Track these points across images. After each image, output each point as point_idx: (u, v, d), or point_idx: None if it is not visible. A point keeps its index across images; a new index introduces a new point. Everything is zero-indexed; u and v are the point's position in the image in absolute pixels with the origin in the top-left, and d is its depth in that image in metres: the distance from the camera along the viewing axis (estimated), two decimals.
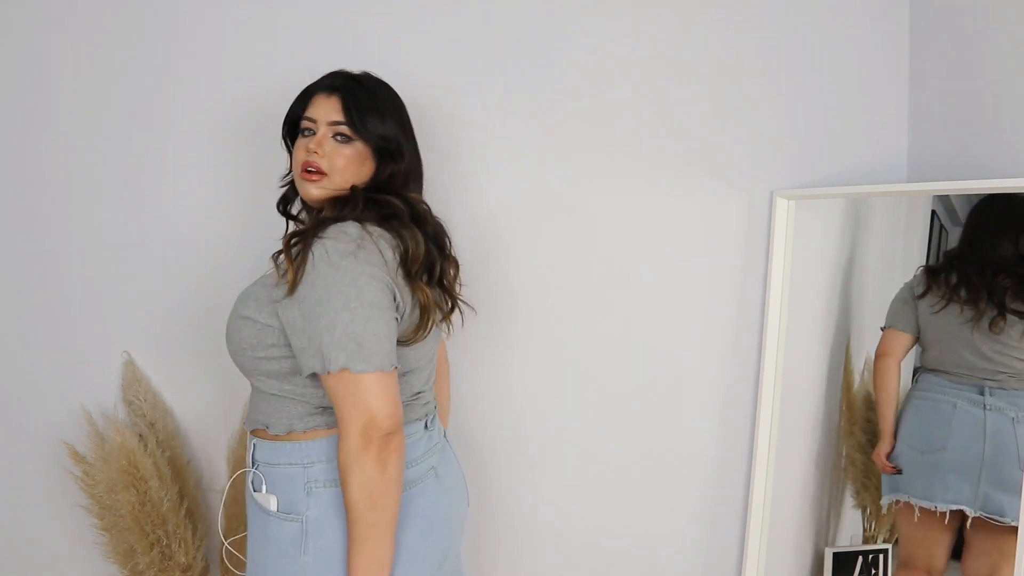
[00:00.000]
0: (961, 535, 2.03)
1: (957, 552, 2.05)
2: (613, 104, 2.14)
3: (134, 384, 2.03)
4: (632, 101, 2.15)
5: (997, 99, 1.98)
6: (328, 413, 1.53)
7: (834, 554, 2.23)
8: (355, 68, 1.69)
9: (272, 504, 1.52)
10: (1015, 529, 1.88)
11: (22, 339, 2.06)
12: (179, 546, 1.95)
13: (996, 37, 1.99)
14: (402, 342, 1.54)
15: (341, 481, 1.44)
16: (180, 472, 2.03)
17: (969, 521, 2.00)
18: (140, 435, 1.99)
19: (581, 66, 2.13)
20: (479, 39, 2.10)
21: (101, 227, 2.05)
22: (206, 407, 2.09)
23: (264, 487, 1.53)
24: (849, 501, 2.19)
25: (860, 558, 2.21)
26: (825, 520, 2.26)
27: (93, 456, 1.97)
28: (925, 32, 2.19)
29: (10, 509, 2.08)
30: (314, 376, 1.50)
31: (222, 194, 2.07)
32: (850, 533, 2.23)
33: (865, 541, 2.22)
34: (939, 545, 2.05)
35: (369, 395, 1.43)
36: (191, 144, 2.06)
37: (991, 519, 1.96)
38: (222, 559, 1.96)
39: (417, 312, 1.55)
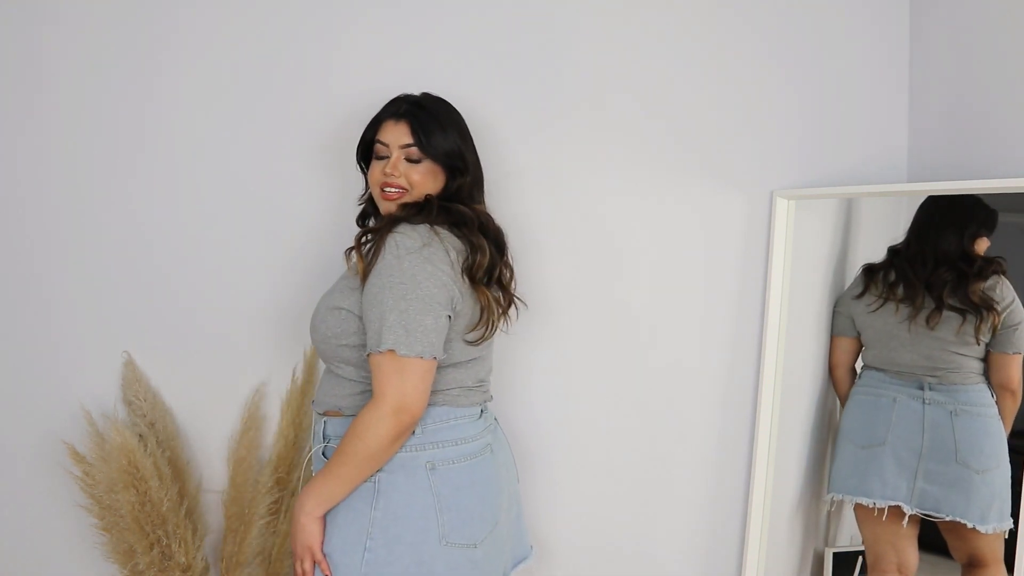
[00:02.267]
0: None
1: (929, 544, 2.06)
2: (614, 106, 2.15)
3: (134, 384, 2.03)
4: (633, 103, 2.15)
5: (996, 100, 1.98)
6: None
7: (834, 554, 2.23)
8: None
9: None
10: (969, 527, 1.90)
11: (22, 339, 2.05)
12: (179, 546, 1.95)
13: (996, 38, 1.99)
14: (471, 342, 1.73)
15: (351, 433, 1.61)
16: (180, 472, 2.03)
17: (906, 519, 2.01)
18: (140, 435, 1.99)
19: (583, 70, 2.13)
20: (490, 53, 2.11)
21: (101, 227, 2.05)
22: (206, 407, 2.09)
23: None
24: (841, 503, 2.19)
25: (860, 558, 2.21)
26: (825, 520, 2.26)
27: (93, 456, 1.97)
28: (925, 32, 2.19)
29: (10, 509, 2.07)
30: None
31: (222, 195, 2.07)
32: (850, 533, 2.23)
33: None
34: (904, 538, 2.05)
35: (408, 380, 1.60)
36: (192, 145, 2.05)
37: (927, 516, 1.97)
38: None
39: (479, 312, 1.72)
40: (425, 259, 1.63)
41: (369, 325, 1.63)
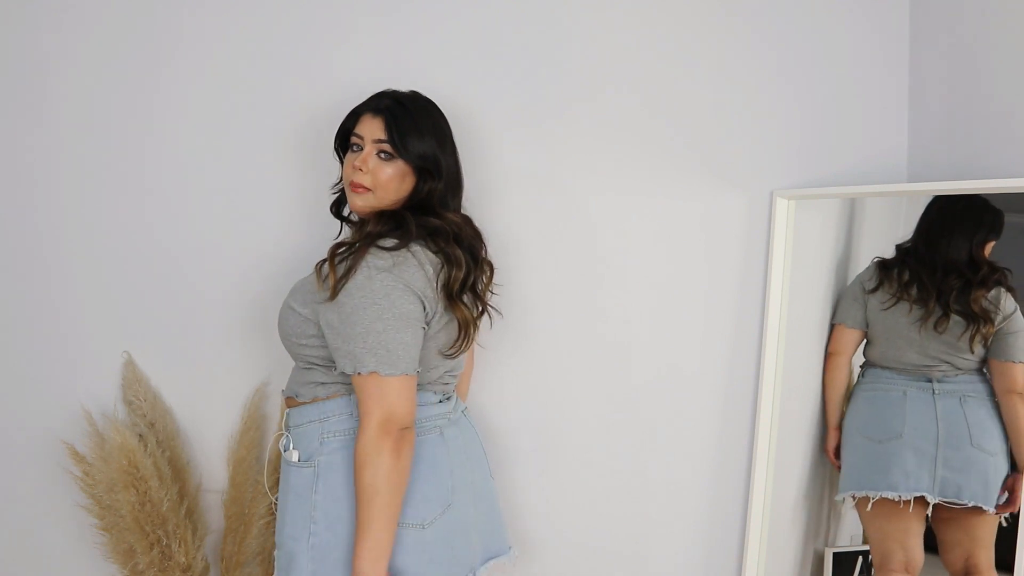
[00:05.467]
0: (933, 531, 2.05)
1: (931, 545, 2.06)
2: (613, 105, 2.14)
3: (134, 384, 2.03)
4: (633, 102, 2.15)
5: (997, 99, 1.98)
6: (347, 377, 1.70)
7: (834, 554, 2.23)
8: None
9: (295, 457, 1.73)
10: (979, 513, 1.92)
11: (22, 339, 2.05)
12: (179, 546, 1.95)
13: (996, 37, 1.99)
14: (447, 355, 1.75)
15: (357, 468, 1.61)
16: (180, 472, 2.03)
17: (930, 509, 2.01)
18: (140, 435, 1.99)
19: (582, 68, 2.13)
20: (485, 46, 2.10)
21: (101, 227, 2.05)
22: (206, 407, 2.09)
23: (291, 445, 1.74)
24: (849, 501, 2.19)
25: (860, 558, 2.21)
26: (825, 520, 2.26)
27: (93, 456, 1.97)
28: (925, 32, 2.19)
29: (10, 509, 2.07)
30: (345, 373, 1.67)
31: (222, 195, 2.07)
32: (850, 533, 2.23)
33: (865, 541, 2.22)
34: (912, 536, 2.06)
35: (392, 395, 1.62)
36: (191, 145, 2.06)
37: (950, 503, 1.98)
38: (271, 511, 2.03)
39: (455, 326, 1.74)
40: (397, 277, 1.64)
41: (343, 344, 1.63)
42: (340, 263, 1.67)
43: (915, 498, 2.03)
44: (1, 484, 2.08)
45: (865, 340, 2.15)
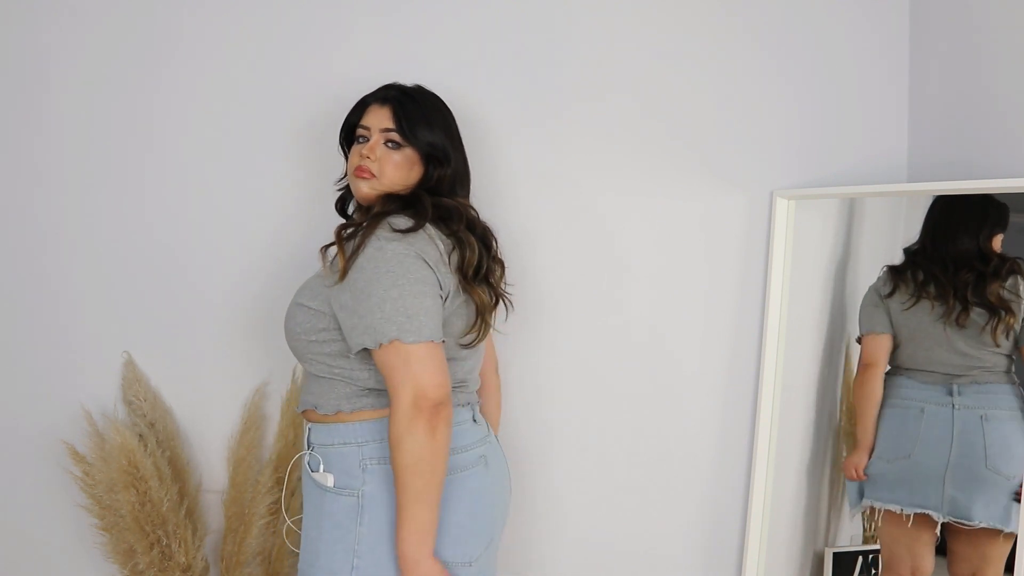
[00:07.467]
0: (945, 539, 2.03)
1: (942, 547, 2.05)
2: (613, 105, 2.15)
3: (134, 384, 2.03)
4: (633, 102, 2.15)
5: (997, 99, 1.98)
6: (373, 395, 1.63)
7: (834, 554, 2.23)
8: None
9: (329, 481, 1.62)
10: (992, 532, 1.90)
11: (22, 339, 2.05)
12: (179, 546, 1.95)
13: (996, 37, 1.99)
14: (465, 345, 1.67)
15: (391, 448, 1.53)
16: (180, 472, 2.03)
17: (938, 527, 2.00)
18: (140, 435, 1.99)
19: (582, 68, 2.13)
20: (484, 46, 2.11)
21: (101, 227, 2.05)
22: (206, 407, 2.09)
23: (321, 467, 1.63)
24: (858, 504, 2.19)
25: (860, 558, 2.21)
26: (825, 520, 2.26)
27: (93, 456, 1.97)
28: (925, 32, 2.19)
29: (10, 509, 2.07)
30: (364, 353, 1.59)
31: (222, 194, 2.07)
32: (850, 533, 2.23)
33: (865, 541, 2.22)
34: (922, 543, 2.05)
35: (419, 366, 1.52)
36: (192, 145, 2.06)
37: (959, 523, 1.97)
38: (284, 536, 1.98)
39: (471, 310, 1.67)
40: (409, 244, 1.57)
41: (359, 320, 1.55)
42: (348, 242, 1.60)
43: (920, 514, 2.02)
44: (1, 484, 2.08)
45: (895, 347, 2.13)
